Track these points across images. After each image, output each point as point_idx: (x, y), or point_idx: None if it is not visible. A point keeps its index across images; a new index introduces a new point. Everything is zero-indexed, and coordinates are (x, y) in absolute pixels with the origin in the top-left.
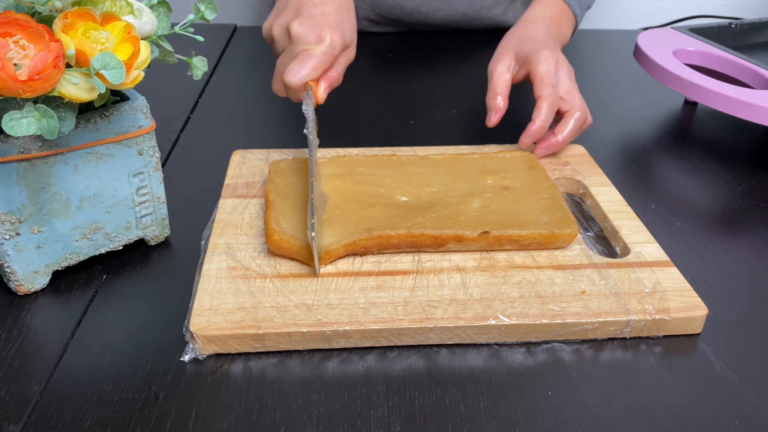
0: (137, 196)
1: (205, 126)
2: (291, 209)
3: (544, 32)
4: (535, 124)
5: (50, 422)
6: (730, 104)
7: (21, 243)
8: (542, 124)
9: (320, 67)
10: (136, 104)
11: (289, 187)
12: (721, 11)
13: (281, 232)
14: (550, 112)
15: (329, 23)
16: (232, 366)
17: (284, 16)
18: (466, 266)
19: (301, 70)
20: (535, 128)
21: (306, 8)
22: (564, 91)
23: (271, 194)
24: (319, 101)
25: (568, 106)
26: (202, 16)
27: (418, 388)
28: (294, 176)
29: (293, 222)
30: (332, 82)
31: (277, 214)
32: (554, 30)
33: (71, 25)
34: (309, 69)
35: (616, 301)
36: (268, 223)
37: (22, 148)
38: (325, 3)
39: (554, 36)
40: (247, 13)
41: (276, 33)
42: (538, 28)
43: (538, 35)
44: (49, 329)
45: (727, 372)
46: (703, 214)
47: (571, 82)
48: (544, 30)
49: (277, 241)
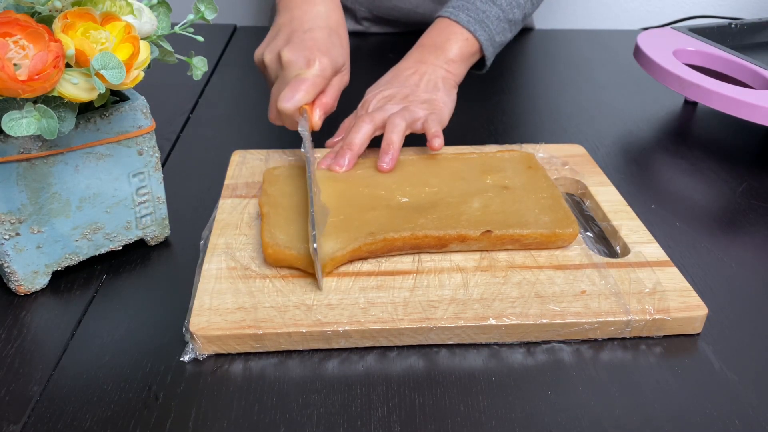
0: (137, 196)
1: (205, 126)
2: (285, 219)
3: (399, 65)
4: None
5: (50, 422)
6: (730, 104)
7: (21, 243)
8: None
9: (313, 91)
10: (136, 104)
11: (282, 195)
12: (721, 11)
13: (275, 245)
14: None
15: (319, 47)
16: (232, 366)
17: (275, 43)
18: (466, 266)
19: (295, 95)
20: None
21: (296, 35)
22: None
23: (265, 207)
24: (314, 127)
25: None
26: (202, 16)
27: (418, 388)
28: (287, 184)
29: (289, 232)
30: (327, 109)
31: (271, 226)
32: (422, 56)
33: (71, 25)
34: (302, 93)
35: (616, 301)
36: (262, 237)
37: (22, 148)
38: (314, 29)
39: (414, 65)
40: (247, 13)
41: (267, 60)
42: (402, 65)
43: (390, 72)
44: (49, 329)
45: (727, 372)
46: (703, 214)
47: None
48: (402, 62)
49: (272, 255)
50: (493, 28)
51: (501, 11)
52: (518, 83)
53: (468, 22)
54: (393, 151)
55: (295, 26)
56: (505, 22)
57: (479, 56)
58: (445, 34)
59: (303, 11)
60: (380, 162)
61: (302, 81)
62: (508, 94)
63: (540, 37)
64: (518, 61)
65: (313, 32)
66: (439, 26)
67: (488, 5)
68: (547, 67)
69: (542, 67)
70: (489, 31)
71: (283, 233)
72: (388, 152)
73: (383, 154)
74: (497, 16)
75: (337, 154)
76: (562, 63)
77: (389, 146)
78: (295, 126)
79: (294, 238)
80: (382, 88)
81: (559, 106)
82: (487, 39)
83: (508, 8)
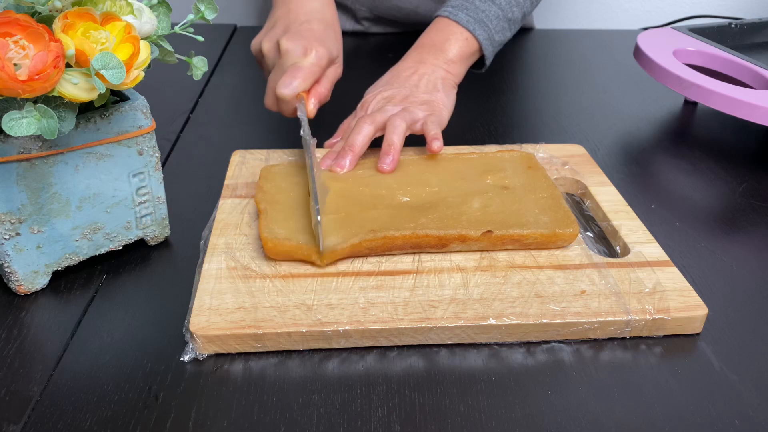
0: (137, 196)
1: (205, 126)
2: (283, 214)
3: (398, 66)
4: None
5: (50, 422)
6: (730, 104)
7: (21, 243)
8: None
9: (310, 78)
10: (136, 104)
11: (279, 191)
12: (721, 11)
13: (275, 239)
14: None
15: (316, 37)
16: (232, 366)
17: (273, 32)
18: (466, 266)
19: (293, 82)
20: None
21: (294, 25)
22: None
23: (261, 203)
24: (309, 115)
25: None
26: (202, 16)
27: (418, 388)
28: (283, 180)
29: (288, 226)
30: (321, 98)
31: (269, 222)
32: (422, 57)
33: (71, 25)
34: (299, 80)
35: (616, 301)
36: (260, 233)
37: (22, 148)
38: (311, 21)
39: (414, 65)
40: (247, 13)
41: (265, 48)
42: (402, 66)
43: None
44: (49, 329)
45: (727, 372)
46: (703, 214)
47: None
48: (401, 62)
49: (272, 248)
50: (492, 27)
51: (500, 10)
52: (518, 83)
53: (467, 21)
54: (394, 153)
55: (292, 18)
56: (505, 21)
57: (479, 56)
58: (444, 34)
59: (299, 4)
60: (381, 163)
61: (299, 68)
62: (508, 94)
63: (540, 37)
64: (518, 61)
65: (311, 24)
66: (438, 26)
67: (487, 4)
68: (547, 67)
69: (542, 67)
70: (488, 30)
71: (281, 228)
72: (389, 153)
73: (384, 155)
74: (496, 15)
75: (338, 155)
76: (562, 63)
77: (390, 147)
78: (291, 112)
79: (292, 230)
80: (381, 89)
81: (559, 106)
82: (487, 38)
83: (507, 7)
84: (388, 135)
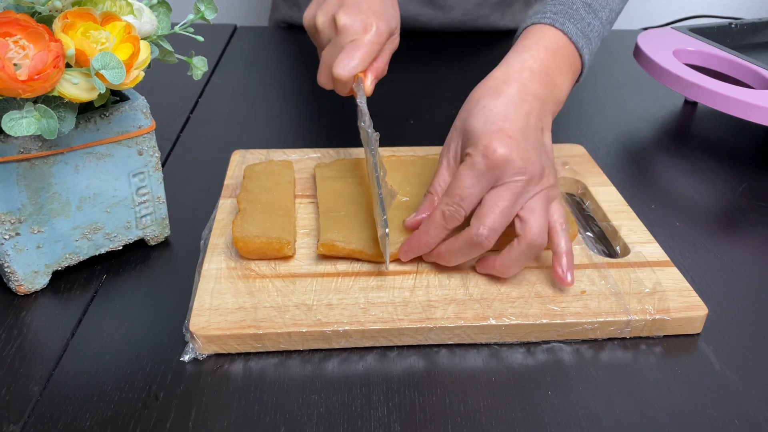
0: (137, 196)
1: (205, 126)
2: (263, 214)
3: (513, 100)
4: (413, 237)
5: (50, 422)
6: (730, 104)
7: (21, 243)
8: (422, 238)
9: (369, 58)
10: (136, 104)
11: (263, 191)
12: (721, 11)
13: (245, 237)
14: (438, 226)
15: (375, 11)
16: (232, 366)
17: (328, 5)
18: (466, 266)
19: (351, 62)
20: (414, 242)
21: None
22: None
23: (243, 203)
24: (367, 93)
25: (520, 228)
26: (202, 16)
27: (418, 388)
28: (268, 179)
29: (264, 226)
30: (379, 73)
31: (244, 221)
32: (536, 88)
33: (71, 25)
34: (358, 60)
35: (616, 301)
36: (233, 233)
37: (22, 148)
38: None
39: (531, 102)
40: (247, 13)
41: (320, 23)
42: (508, 92)
43: (498, 109)
44: (49, 329)
45: (727, 372)
46: (703, 214)
47: None
48: (514, 95)
49: (243, 247)
50: (593, 47)
51: (601, 26)
52: None
53: (576, 35)
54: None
55: None
56: (599, 40)
57: None
58: (557, 60)
59: None
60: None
61: (358, 47)
62: None
63: None
64: None
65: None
66: (547, 43)
67: (591, 16)
68: None
69: None
70: (591, 50)
71: (257, 227)
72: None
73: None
74: (598, 33)
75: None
76: None
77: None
78: (346, 92)
79: (267, 228)
80: (515, 153)
81: None
82: (587, 63)
83: (608, 26)
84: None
